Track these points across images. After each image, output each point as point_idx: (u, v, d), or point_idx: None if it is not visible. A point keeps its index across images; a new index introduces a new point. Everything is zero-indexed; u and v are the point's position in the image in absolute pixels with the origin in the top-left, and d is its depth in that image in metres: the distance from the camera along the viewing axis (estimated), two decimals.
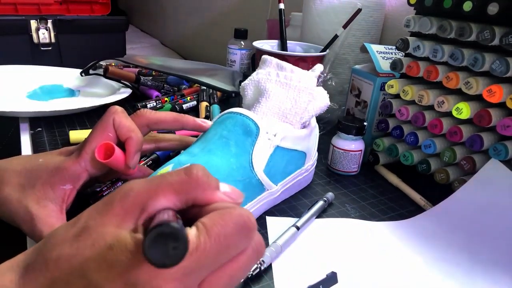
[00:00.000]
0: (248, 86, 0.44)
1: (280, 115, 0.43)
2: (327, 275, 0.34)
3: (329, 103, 0.45)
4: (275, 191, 0.43)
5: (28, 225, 0.34)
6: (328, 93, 0.46)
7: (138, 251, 0.19)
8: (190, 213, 0.22)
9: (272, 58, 0.44)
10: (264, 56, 0.45)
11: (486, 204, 0.42)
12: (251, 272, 0.33)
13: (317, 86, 0.45)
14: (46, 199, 0.34)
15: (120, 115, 0.37)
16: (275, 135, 0.40)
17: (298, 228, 0.39)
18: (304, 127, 0.45)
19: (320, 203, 0.44)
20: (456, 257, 0.39)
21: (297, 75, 0.43)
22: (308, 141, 0.46)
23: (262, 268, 0.34)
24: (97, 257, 0.19)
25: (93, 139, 0.36)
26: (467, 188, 0.44)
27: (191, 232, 0.20)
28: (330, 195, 0.46)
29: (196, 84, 0.82)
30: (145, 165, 0.49)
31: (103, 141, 0.36)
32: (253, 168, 0.38)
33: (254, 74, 0.44)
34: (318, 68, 0.45)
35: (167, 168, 0.36)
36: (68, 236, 0.21)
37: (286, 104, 0.42)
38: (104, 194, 0.42)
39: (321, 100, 0.45)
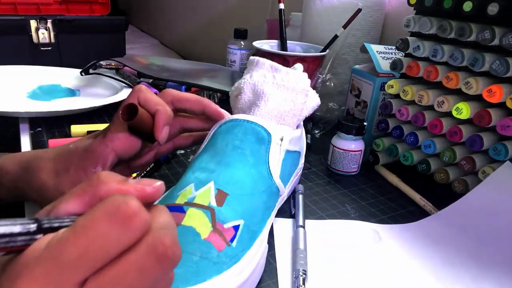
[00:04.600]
0: (243, 89, 0.43)
1: (278, 117, 0.42)
2: None
3: (319, 102, 0.46)
4: (285, 195, 0.42)
5: None
6: (328, 93, 0.46)
7: None
8: None
9: (265, 60, 0.43)
10: (253, 58, 0.43)
11: (499, 208, 0.40)
12: (301, 284, 0.32)
13: (316, 86, 0.45)
14: (80, 183, 0.35)
15: (145, 92, 0.36)
16: (281, 139, 0.39)
17: (303, 227, 0.39)
18: (296, 127, 0.45)
19: (300, 197, 0.44)
20: (465, 261, 0.38)
21: (293, 76, 0.42)
22: (302, 140, 0.46)
23: (306, 278, 0.33)
24: None
25: (117, 119, 0.36)
26: (478, 191, 0.42)
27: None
28: (300, 186, 0.47)
29: None
30: (145, 171, 0.48)
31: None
32: (272, 176, 0.37)
33: (247, 76, 0.43)
34: (299, 67, 0.45)
35: (188, 188, 0.34)
36: None
37: (285, 106, 0.42)
38: None
39: (313, 100, 0.45)
